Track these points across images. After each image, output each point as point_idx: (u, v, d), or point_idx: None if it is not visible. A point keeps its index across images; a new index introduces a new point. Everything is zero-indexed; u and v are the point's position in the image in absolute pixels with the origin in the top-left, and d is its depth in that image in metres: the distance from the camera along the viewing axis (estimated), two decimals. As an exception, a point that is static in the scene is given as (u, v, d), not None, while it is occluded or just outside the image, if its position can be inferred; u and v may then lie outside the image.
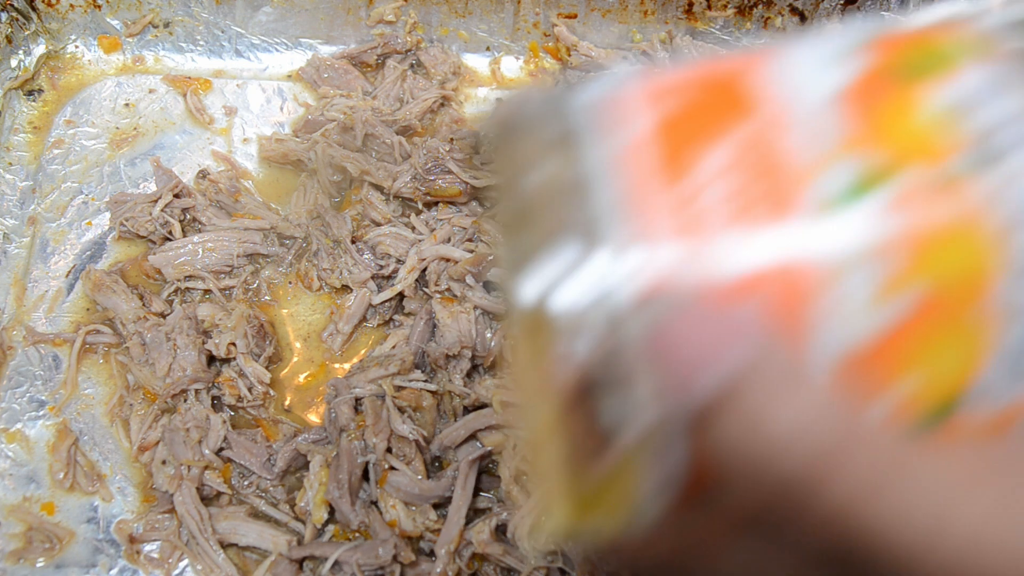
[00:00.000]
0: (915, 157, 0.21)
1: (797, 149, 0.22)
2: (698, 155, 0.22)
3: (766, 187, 0.21)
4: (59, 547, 0.62)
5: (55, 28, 0.80)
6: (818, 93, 0.23)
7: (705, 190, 0.22)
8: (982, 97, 0.22)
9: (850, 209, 0.21)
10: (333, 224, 0.71)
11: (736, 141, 0.22)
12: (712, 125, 0.22)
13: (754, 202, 0.21)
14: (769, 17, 0.81)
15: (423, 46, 0.82)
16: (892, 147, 0.21)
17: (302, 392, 0.68)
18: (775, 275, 0.21)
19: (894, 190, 0.21)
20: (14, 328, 0.69)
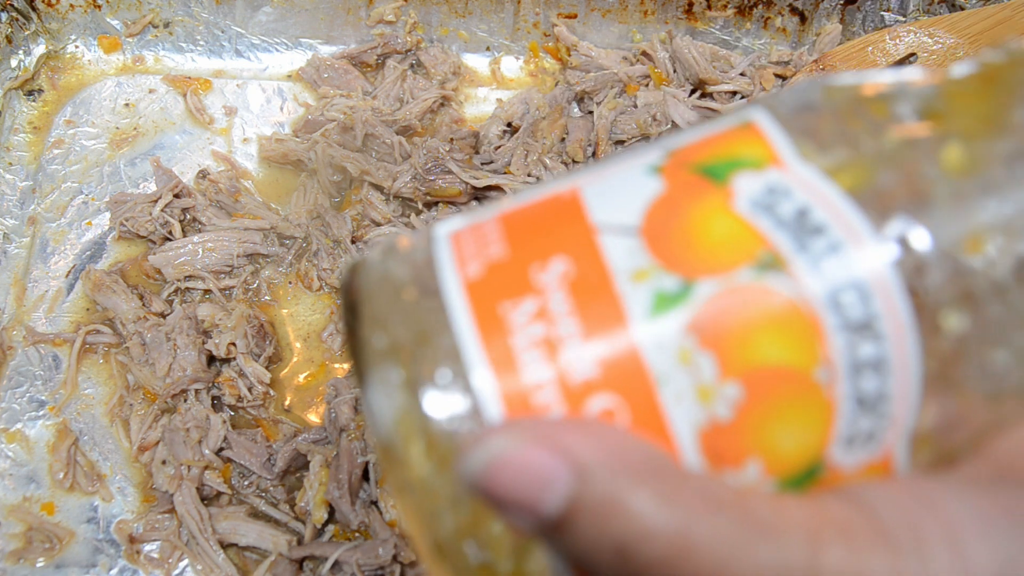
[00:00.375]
0: (711, 268, 0.23)
1: (612, 276, 0.24)
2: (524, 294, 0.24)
3: (592, 312, 0.24)
4: (59, 547, 0.62)
5: (55, 28, 0.80)
6: (624, 224, 0.25)
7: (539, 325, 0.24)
8: (779, 192, 0.24)
9: (660, 320, 0.23)
10: (333, 224, 0.71)
11: (554, 277, 0.24)
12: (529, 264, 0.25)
13: (582, 329, 0.24)
14: (769, 17, 0.81)
15: (423, 46, 0.82)
16: (688, 265, 0.24)
17: (302, 392, 0.68)
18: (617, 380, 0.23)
19: (692, 305, 0.23)
20: (14, 328, 0.69)
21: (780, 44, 0.82)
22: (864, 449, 0.24)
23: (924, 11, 0.79)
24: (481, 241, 0.26)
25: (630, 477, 0.22)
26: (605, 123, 0.75)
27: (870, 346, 0.23)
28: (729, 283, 0.23)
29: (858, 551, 0.22)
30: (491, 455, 0.23)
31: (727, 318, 0.23)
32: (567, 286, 0.24)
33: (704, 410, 0.23)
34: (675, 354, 0.23)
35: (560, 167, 0.73)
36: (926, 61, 0.75)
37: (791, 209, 0.24)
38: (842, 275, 0.23)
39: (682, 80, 0.78)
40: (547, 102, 0.77)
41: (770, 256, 0.23)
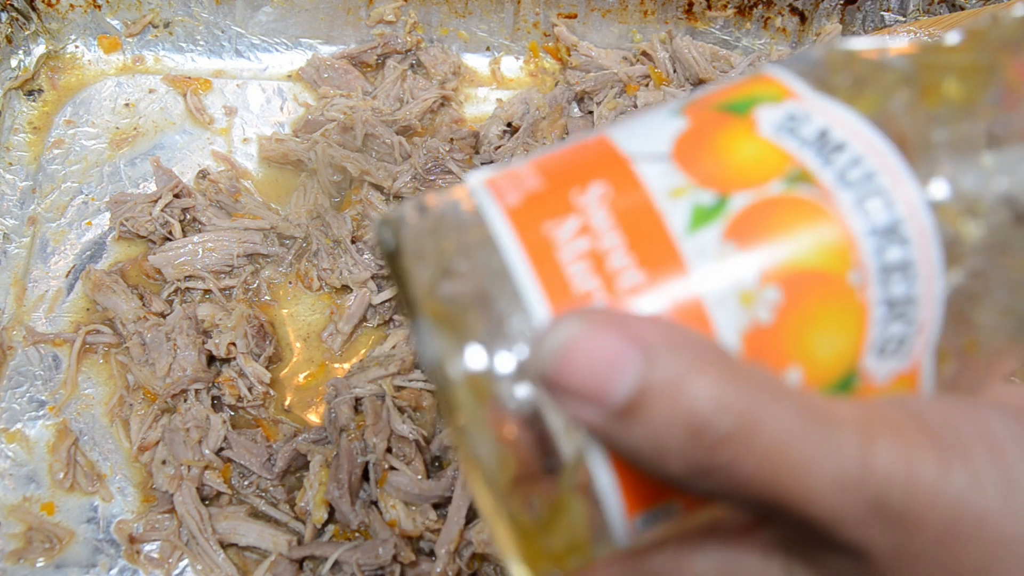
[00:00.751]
0: (744, 183, 0.25)
1: (649, 193, 0.25)
2: (566, 214, 0.25)
3: (633, 228, 0.25)
4: (59, 547, 0.62)
5: (55, 28, 0.80)
6: (655, 151, 0.26)
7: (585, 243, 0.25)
8: (799, 117, 0.26)
9: (700, 234, 0.24)
10: (333, 224, 0.71)
11: (594, 199, 0.25)
12: (568, 191, 0.26)
13: (625, 245, 0.25)
14: (769, 17, 0.81)
15: (423, 46, 0.82)
16: (721, 182, 0.25)
17: (302, 392, 0.68)
18: (665, 291, 0.24)
19: (728, 216, 0.24)
20: (14, 328, 0.69)
21: (780, 44, 0.82)
22: (895, 358, 0.25)
23: (924, 11, 0.79)
24: (517, 180, 0.27)
25: (698, 359, 0.22)
26: (605, 123, 0.75)
27: (897, 249, 0.24)
28: (762, 194, 0.24)
29: (908, 449, 0.22)
30: (560, 341, 0.22)
31: (763, 225, 0.24)
32: (607, 205, 0.25)
33: (746, 314, 0.24)
34: (717, 259, 0.24)
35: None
36: (926, 61, 0.75)
37: (812, 130, 0.25)
38: (866, 184, 0.24)
39: (682, 80, 0.78)
40: (547, 102, 0.77)
41: (798, 171, 0.25)
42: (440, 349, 0.25)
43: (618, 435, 0.23)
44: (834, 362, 0.25)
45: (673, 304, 0.24)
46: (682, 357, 0.22)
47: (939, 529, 0.22)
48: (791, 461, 0.22)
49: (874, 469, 0.22)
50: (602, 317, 0.23)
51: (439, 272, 0.26)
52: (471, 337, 0.24)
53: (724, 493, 0.23)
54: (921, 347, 0.25)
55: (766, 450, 0.22)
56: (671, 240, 0.24)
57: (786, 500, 0.22)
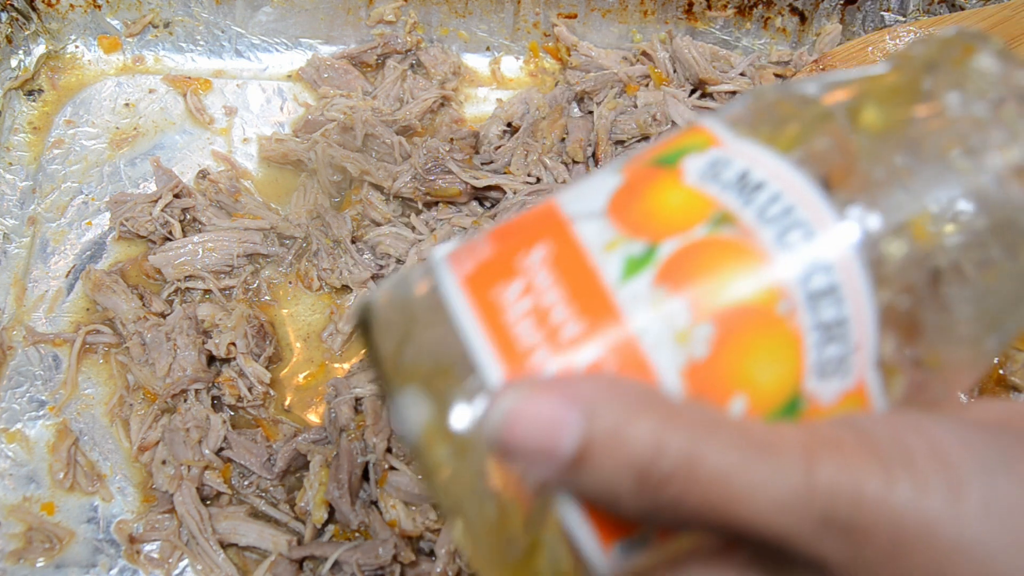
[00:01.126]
0: (671, 230, 0.26)
1: (586, 250, 0.27)
2: (512, 275, 0.27)
3: (573, 282, 0.26)
4: (59, 547, 0.62)
5: (55, 28, 0.80)
6: (593, 209, 0.28)
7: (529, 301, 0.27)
8: (721, 163, 0.27)
9: (633, 282, 0.26)
10: (333, 224, 0.71)
11: (537, 258, 0.27)
12: (514, 254, 0.28)
13: (566, 298, 0.26)
14: (769, 17, 0.81)
15: (423, 46, 0.82)
16: (651, 231, 0.27)
17: (302, 392, 0.68)
18: (603, 341, 0.26)
19: (658, 262, 0.26)
20: (14, 328, 0.69)
21: (780, 44, 0.82)
22: (837, 377, 0.26)
23: (924, 11, 0.79)
24: (472, 250, 0.29)
25: (634, 407, 0.24)
26: (605, 123, 0.75)
27: (821, 276, 0.25)
28: (687, 239, 0.26)
29: (850, 465, 0.23)
30: (504, 411, 0.24)
31: (690, 267, 0.26)
32: (548, 265, 0.27)
33: (683, 352, 0.25)
34: (649, 304, 0.25)
35: (560, 167, 0.73)
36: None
37: (733, 173, 0.27)
38: (785, 218, 0.26)
39: (682, 80, 0.78)
40: (547, 102, 0.77)
41: (720, 213, 0.26)
42: (409, 413, 0.27)
43: (572, 485, 0.25)
44: (776, 388, 0.26)
45: (612, 350, 0.25)
46: (619, 407, 0.24)
47: (888, 538, 0.23)
48: (733, 489, 0.23)
49: (817, 487, 0.23)
50: (541, 383, 0.25)
51: (404, 342, 0.28)
52: (436, 398, 0.26)
53: (679, 525, 0.24)
54: (862, 365, 0.26)
55: (709, 482, 0.23)
56: (606, 291, 0.26)
57: (737, 525, 0.24)
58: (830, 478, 0.23)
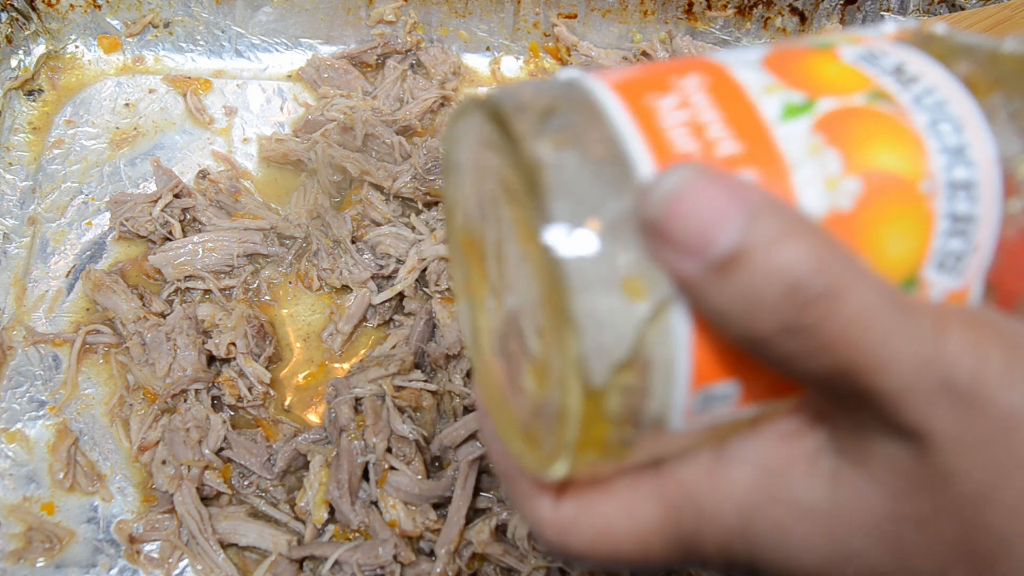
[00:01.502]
0: (831, 91, 0.27)
1: (743, 84, 0.27)
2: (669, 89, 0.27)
3: (730, 108, 0.26)
4: (59, 547, 0.62)
5: (55, 28, 0.80)
6: (748, 59, 0.28)
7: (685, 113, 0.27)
8: (878, 53, 0.28)
9: (792, 122, 0.26)
10: (333, 224, 0.71)
11: (693, 82, 0.27)
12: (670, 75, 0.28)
13: (723, 119, 0.26)
14: (769, 17, 0.81)
15: (423, 46, 0.82)
16: (811, 86, 0.27)
17: (302, 392, 0.68)
18: (759, 159, 0.26)
19: (818, 112, 0.27)
20: (14, 328, 0.69)
21: (780, 44, 0.82)
22: (951, 274, 0.27)
23: (924, 11, 0.79)
24: (616, 71, 0.29)
25: (797, 225, 0.23)
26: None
27: (963, 169, 0.26)
28: (846, 102, 0.27)
29: (978, 340, 0.23)
30: (671, 188, 0.23)
31: (848, 126, 0.26)
32: (705, 89, 0.27)
33: (829, 198, 0.26)
34: (806, 145, 0.26)
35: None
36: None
37: (890, 63, 0.28)
38: (938, 110, 0.27)
39: (682, 80, 0.78)
40: (547, 102, 0.77)
41: (878, 90, 0.27)
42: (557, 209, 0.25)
43: (712, 290, 0.23)
44: (899, 263, 0.26)
45: (766, 177, 0.25)
46: (783, 220, 0.23)
47: (1001, 416, 0.23)
48: (873, 330, 0.23)
49: (945, 352, 0.23)
50: (711, 171, 0.24)
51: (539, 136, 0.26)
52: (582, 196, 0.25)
53: (805, 355, 0.24)
54: (975, 269, 0.27)
55: (852, 315, 0.23)
56: (764, 123, 0.26)
57: (862, 368, 0.23)
58: (958, 346, 0.23)
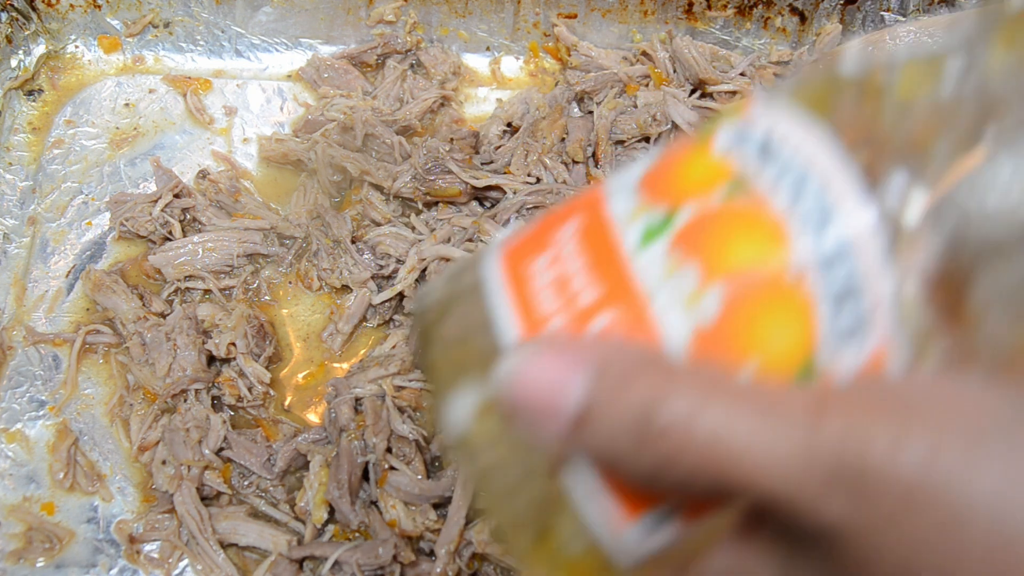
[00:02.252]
0: (691, 196, 0.27)
1: (613, 221, 0.28)
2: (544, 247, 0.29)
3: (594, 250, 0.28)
4: (59, 547, 0.62)
5: (55, 28, 0.80)
6: (628, 182, 0.29)
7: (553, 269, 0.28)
8: (750, 128, 0.28)
9: (649, 248, 0.26)
10: (333, 224, 0.71)
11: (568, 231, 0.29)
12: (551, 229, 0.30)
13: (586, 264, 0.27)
14: (769, 17, 0.81)
15: (423, 46, 0.82)
16: (672, 197, 0.27)
17: (302, 392, 0.68)
18: (614, 301, 0.26)
19: (675, 227, 0.26)
20: (14, 328, 0.69)
21: (780, 44, 0.82)
22: (856, 343, 0.25)
23: (924, 11, 0.79)
24: (521, 231, 0.31)
25: (637, 367, 0.24)
26: (605, 123, 0.75)
27: (833, 243, 0.25)
28: (704, 205, 0.26)
29: (860, 420, 0.22)
30: (509, 370, 0.25)
31: (703, 233, 0.26)
32: (577, 236, 0.28)
33: (691, 317, 0.25)
34: (662, 270, 0.26)
35: (560, 167, 0.73)
36: (926, 61, 0.75)
37: (756, 140, 0.27)
38: (800, 185, 0.26)
39: (682, 80, 0.78)
40: (547, 102, 0.77)
41: (736, 180, 0.27)
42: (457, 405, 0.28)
43: (578, 446, 0.25)
44: (787, 355, 0.25)
45: (624, 316, 0.26)
46: (622, 367, 0.24)
47: (898, 498, 0.22)
48: (732, 444, 0.23)
49: (823, 443, 0.22)
50: (548, 343, 0.25)
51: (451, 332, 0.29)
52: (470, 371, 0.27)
53: (686, 481, 0.24)
54: (882, 325, 0.25)
55: (706, 436, 0.23)
56: (623, 259, 0.27)
57: (736, 483, 0.23)
58: (837, 433, 0.22)
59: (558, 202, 0.69)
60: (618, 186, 0.29)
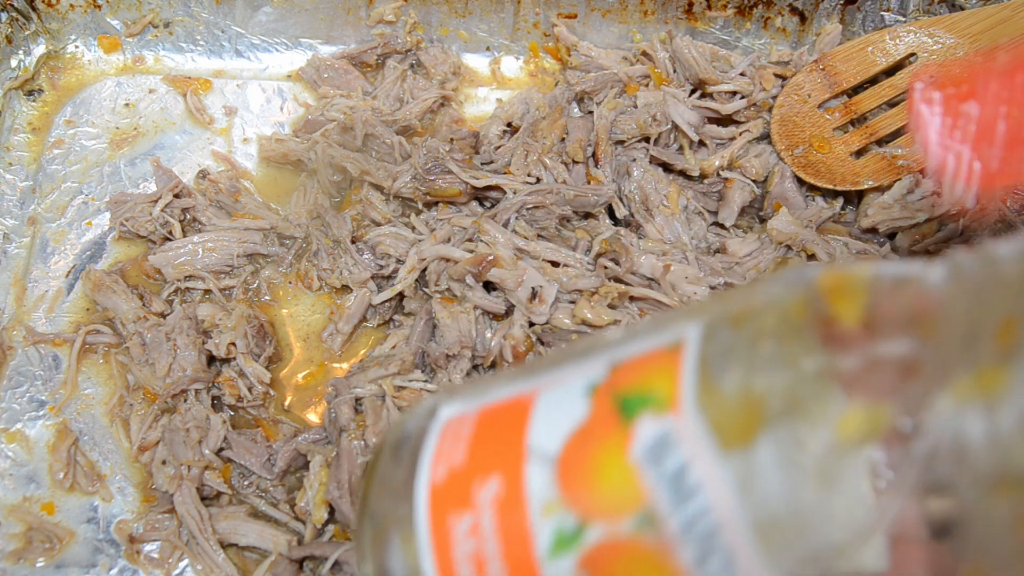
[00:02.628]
0: (603, 512, 0.27)
1: (529, 502, 0.28)
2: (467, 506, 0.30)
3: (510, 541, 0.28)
4: (59, 547, 0.62)
5: (55, 28, 0.80)
6: (549, 450, 0.29)
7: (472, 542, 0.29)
8: (669, 445, 0.27)
9: (559, 560, 0.27)
10: (333, 224, 0.71)
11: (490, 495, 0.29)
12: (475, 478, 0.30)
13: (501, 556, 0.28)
14: (769, 17, 0.81)
15: (423, 46, 0.82)
16: (586, 505, 0.28)
17: (302, 392, 0.68)
18: None
19: (585, 545, 0.27)
20: (14, 328, 0.69)
21: (780, 44, 0.82)
22: None
23: (924, 11, 0.79)
24: (456, 439, 0.31)
25: None
26: (605, 123, 0.75)
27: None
28: (614, 531, 0.27)
29: None
30: None
31: (609, 563, 0.27)
32: (496, 507, 0.29)
33: None
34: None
35: (560, 167, 0.73)
36: (926, 61, 0.75)
37: (672, 466, 0.27)
38: (709, 540, 0.25)
39: (682, 80, 0.78)
40: (547, 102, 0.77)
41: (649, 512, 0.27)
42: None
43: None
44: None
45: None
46: None
47: None
48: None
49: None
50: None
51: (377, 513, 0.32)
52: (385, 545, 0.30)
53: None
54: None
55: None
56: (535, 563, 0.28)
57: None
58: None
59: (558, 202, 0.69)
60: (540, 446, 0.29)
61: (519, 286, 0.65)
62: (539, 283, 0.65)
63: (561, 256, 0.67)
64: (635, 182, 0.73)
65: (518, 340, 0.64)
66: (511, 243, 0.67)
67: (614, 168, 0.74)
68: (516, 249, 0.67)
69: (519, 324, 0.65)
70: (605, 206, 0.71)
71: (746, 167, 0.74)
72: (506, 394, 0.32)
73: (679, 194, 0.73)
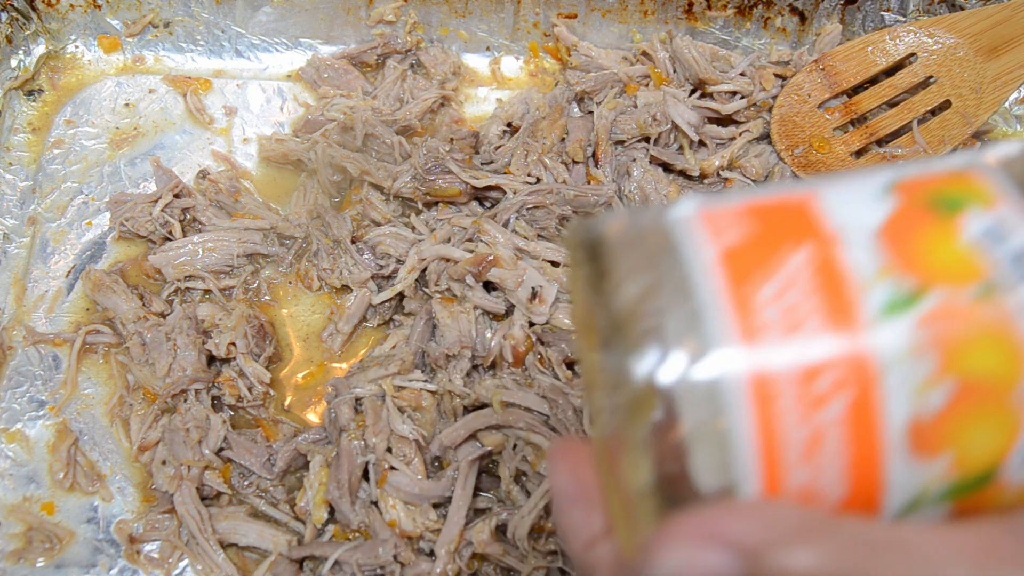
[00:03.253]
0: (943, 280, 0.27)
1: (851, 270, 0.27)
2: (774, 268, 0.28)
3: (831, 298, 0.27)
4: (59, 547, 0.62)
5: (55, 28, 0.80)
6: (864, 227, 0.28)
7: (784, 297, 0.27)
8: (1006, 230, 0.28)
9: (893, 320, 0.27)
10: (333, 224, 0.71)
11: (801, 261, 0.28)
12: (779, 247, 0.28)
13: (821, 310, 0.27)
14: (769, 17, 0.81)
15: (423, 46, 0.82)
16: (924, 272, 0.27)
17: (302, 392, 0.68)
18: (845, 363, 0.27)
19: (924, 308, 0.27)
20: (14, 328, 0.69)
21: (780, 44, 0.82)
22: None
23: (924, 11, 0.79)
24: (730, 219, 0.29)
25: (791, 542, 0.25)
26: (605, 123, 0.75)
27: None
28: (957, 297, 0.27)
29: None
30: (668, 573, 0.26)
31: (953, 326, 0.27)
32: (811, 272, 0.27)
33: (917, 402, 0.26)
34: (902, 349, 0.26)
35: (560, 167, 0.73)
36: (926, 61, 0.75)
37: (1012, 248, 0.27)
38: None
39: (682, 80, 0.78)
40: (547, 102, 0.77)
41: (990, 285, 0.27)
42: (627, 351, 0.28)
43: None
44: (981, 458, 0.27)
45: (851, 384, 0.26)
46: (777, 546, 0.25)
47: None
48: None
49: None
50: (699, 530, 0.26)
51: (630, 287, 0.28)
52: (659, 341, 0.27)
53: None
54: None
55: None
56: (859, 321, 0.27)
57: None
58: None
59: (558, 202, 0.69)
60: (851, 226, 0.28)
61: (519, 286, 0.65)
62: (539, 283, 0.65)
63: (561, 256, 0.67)
64: (635, 182, 0.73)
65: (518, 340, 0.64)
66: (511, 243, 0.67)
67: (614, 168, 0.74)
68: (516, 249, 0.67)
69: (519, 324, 0.65)
70: (605, 206, 0.71)
71: (746, 167, 0.74)
72: (772, 194, 0.31)
73: (679, 194, 0.73)
